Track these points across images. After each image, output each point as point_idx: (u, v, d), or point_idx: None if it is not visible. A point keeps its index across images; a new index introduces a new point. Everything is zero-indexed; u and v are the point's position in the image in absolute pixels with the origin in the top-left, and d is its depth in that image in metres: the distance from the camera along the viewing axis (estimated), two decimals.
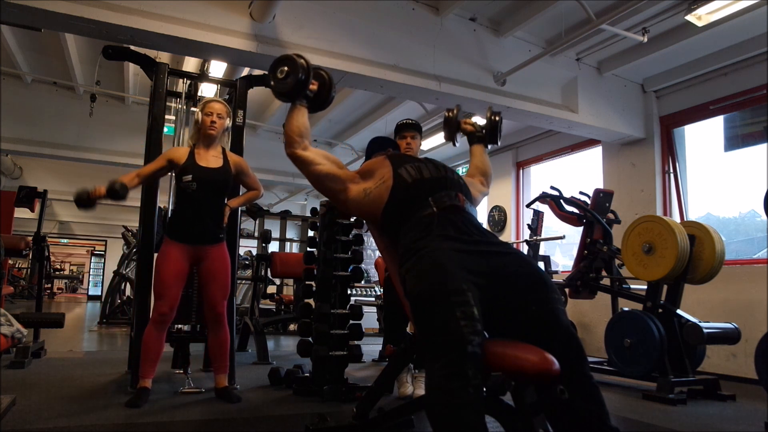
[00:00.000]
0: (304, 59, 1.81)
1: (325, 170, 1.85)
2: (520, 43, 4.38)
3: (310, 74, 1.82)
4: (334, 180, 1.86)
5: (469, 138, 2.22)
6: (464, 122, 2.21)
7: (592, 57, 4.69)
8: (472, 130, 2.20)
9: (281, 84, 1.83)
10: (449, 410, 1.22)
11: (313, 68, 1.85)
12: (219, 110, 2.72)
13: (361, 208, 1.87)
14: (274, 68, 1.84)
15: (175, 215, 2.74)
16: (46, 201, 6.05)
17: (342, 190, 1.86)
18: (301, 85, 1.82)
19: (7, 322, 2.16)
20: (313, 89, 1.89)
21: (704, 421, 2.62)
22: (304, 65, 1.80)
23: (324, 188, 1.90)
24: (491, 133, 2.18)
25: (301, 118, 1.86)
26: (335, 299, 2.96)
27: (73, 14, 2.91)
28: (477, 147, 2.22)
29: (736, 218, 5.08)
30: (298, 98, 1.86)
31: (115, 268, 8.08)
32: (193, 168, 2.64)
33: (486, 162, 2.22)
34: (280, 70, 1.82)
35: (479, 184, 2.15)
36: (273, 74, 1.84)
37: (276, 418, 2.38)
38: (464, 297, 1.33)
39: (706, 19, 3.67)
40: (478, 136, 2.20)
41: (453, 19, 4.08)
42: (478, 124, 2.22)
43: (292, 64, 1.80)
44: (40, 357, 3.84)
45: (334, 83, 1.97)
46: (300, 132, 1.84)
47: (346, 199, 1.87)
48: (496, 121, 2.17)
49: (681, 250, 3.16)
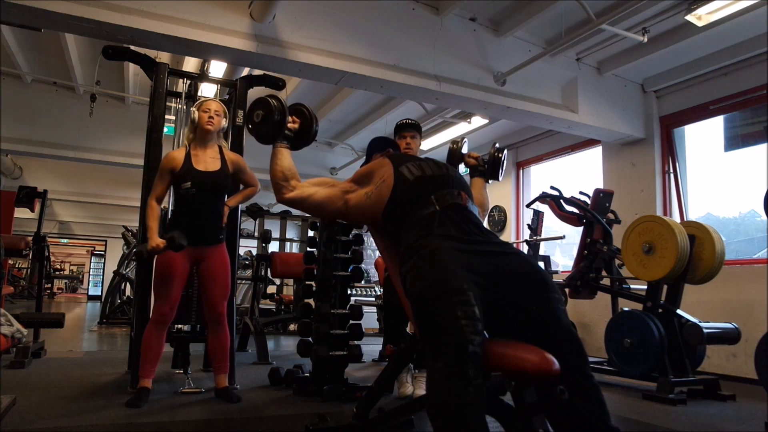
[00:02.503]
0: (278, 99, 1.82)
1: (319, 198, 1.86)
2: (520, 43, 4.38)
3: (285, 114, 1.83)
4: (332, 202, 1.88)
5: (471, 171, 2.27)
6: (468, 156, 2.25)
7: (592, 57, 4.68)
8: (475, 164, 2.24)
9: (259, 127, 1.83)
10: (450, 410, 1.22)
11: (290, 106, 1.85)
12: (216, 108, 2.72)
13: (364, 213, 1.87)
14: (250, 113, 1.85)
15: (174, 218, 2.73)
16: (46, 201, 6.05)
17: (342, 205, 1.88)
18: (278, 126, 1.82)
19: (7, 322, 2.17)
20: (294, 128, 1.89)
21: (704, 421, 2.62)
22: (278, 106, 1.80)
23: (326, 213, 1.93)
24: (493, 168, 2.23)
25: (283, 161, 1.86)
26: (335, 299, 2.96)
27: (73, 14, 2.90)
28: (477, 180, 2.25)
29: (736, 218, 5.08)
30: (278, 139, 1.86)
31: (115, 268, 8.08)
32: (191, 174, 2.63)
33: (485, 196, 2.24)
34: (255, 114, 1.83)
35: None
36: (249, 119, 1.85)
37: (276, 418, 2.38)
38: (465, 296, 1.33)
39: (706, 19, 3.67)
40: (480, 170, 2.25)
41: (453, 19, 4.08)
42: (482, 158, 2.26)
43: (266, 107, 1.81)
44: (40, 357, 3.84)
45: (316, 118, 1.96)
46: (284, 176, 1.85)
47: (347, 210, 1.88)
48: (499, 158, 2.21)
49: (681, 250, 3.16)
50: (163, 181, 2.67)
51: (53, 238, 14.80)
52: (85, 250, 19.78)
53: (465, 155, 2.25)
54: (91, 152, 6.42)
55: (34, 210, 6.02)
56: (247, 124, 1.88)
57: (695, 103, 4.67)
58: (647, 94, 5.00)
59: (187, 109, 3.75)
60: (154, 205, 2.62)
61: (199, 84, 3.73)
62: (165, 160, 2.71)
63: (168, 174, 2.66)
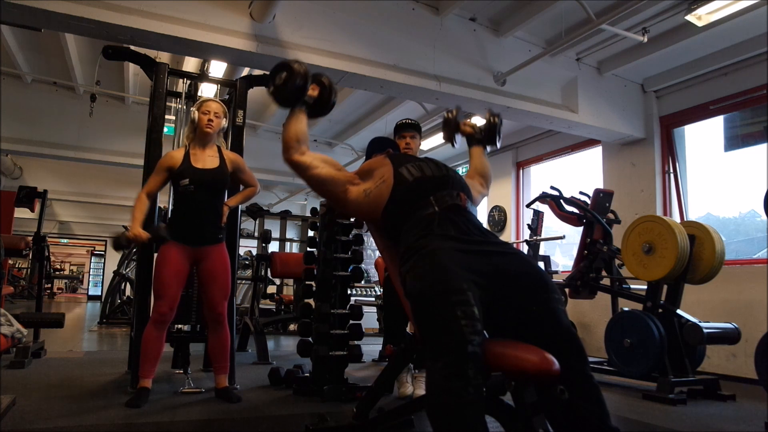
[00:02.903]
0: (302, 65, 1.81)
1: (324, 174, 1.85)
2: (520, 43, 4.38)
3: (308, 80, 1.82)
4: (333, 183, 1.86)
5: (468, 140, 2.21)
6: (463, 124, 2.20)
7: (592, 57, 4.69)
8: (471, 132, 2.18)
9: (279, 90, 1.83)
10: (450, 410, 1.22)
11: (312, 74, 1.84)
12: (216, 109, 2.72)
13: (361, 209, 1.87)
14: (273, 74, 1.84)
15: (174, 217, 2.73)
16: (46, 201, 6.05)
17: (342, 192, 1.86)
18: (299, 91, 1.82)
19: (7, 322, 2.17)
20: (312, 95, 1.89)
21: (704, 421, 2.62)
22: (302, 71, 1.80)
23: (324, 192, 1.90)
24: (490, 135, 2.17)
25: (299, 125, 1.85)
26: (335, 299, 2.96)
27: (73, 14, 2.91)
28: (476, 149, 2.20)
29: (736, 218, 5.08)
30: (297, 104, 1.86)
31: (115, 268, 8.08)
32: (189, 171, 2.63)
33: (485, 164, 2.20)
34: (278, 76, 1.82)
35: (478, 186, 2.14)
36: (272, 80, 1.84)
37: (276, 418, 2.37)
38: (464, 296, 1.33)
39: (706, 19, 3.67)
40: (477, 138, 2.18)
41: (453, 19, 4.08)
42: (478, 126, 2.20)
43: (290, 71, 1.80)
44: (40, 357, 3.84)
45: (335, 89, 1.96)
46: (297, 138, 1.84)
47: (345, 201, 1.87)
48: (495, 123, 2.15)
49: (681, 250, 3.16)
50: (157, 176, 2.68)
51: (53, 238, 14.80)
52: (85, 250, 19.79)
53: (460, 123, 2.19)
54: (91, 152, 6.43)
55: (34, 210, 6.03)
56: (269, 85, 1.86)
57: (695, 103, 4.67)
58: (647, 94, 5.00)
59: (187, 109, 3.75)
60: (143, 197, 2.62)
61: (199, 84, 3.73)
62: (163, 158, 2.73)
63: (164, 171, 2.67)
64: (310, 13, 3.56)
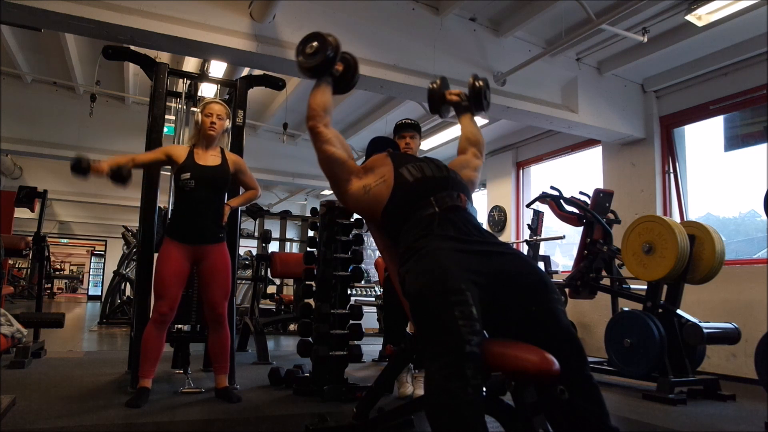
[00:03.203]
0: (334, 38, 1.81)
1: (337, 154, 1.85)
2: (520, 43, 4.38)
3: (338, 52, 1.83)
4: (341, 166, 1.86)
5: (456, 108, 2.17)
6: (449, 93, 2.15)
7: (592, 57, 4.68)
8: (458, 99, 2.13)
9: (309, 59, 1.83)
10: (448, 410, 1.22)
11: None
12: (219, 111, 2.73)
13: (360, 205, 1.87)
14: (303, 43, 1.84)
15: (174, 215, 2.73)
16: (46, 201, 6.05)
17: (345, 179, 1.86)
18: (329, 63, 1.83)
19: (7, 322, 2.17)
20: (338, 70, 1.89)
21: (704, 421, 2.62)
22: (334, 43, 1.80)
23: (329, 171, 1.88)
24: (476, 99, 2.11)
25: (327, 95, 1.86)
26: (335, 299, 2.96)
27: (73, 14, 2.91)
28: (464, 117, 2.15)
29: (736, 218, 5.08)
30: (324, 75, 1.86)
31: (115, 268, 8.08)
32: (191, 166, 2.64)
33: (476, 131, 2.13)
34: (309, 45, 1.82)
35: (473, 158, 2.09)
36: (301, 49, 1.84)
37: (276, 418, 2.37)
38: (463, 296, 1.33)
39: (706, 19, 3.67)
40: (464, 105, 2.13)
41: (453, 19, 4.08)
42: (464, 93, 2.15)
43: (322, 41, 1.80)
44: (40, 357, 3.84)
45: (358, 69, 1.96)
46: (324, 107, 1.85)
47: (345, 191, 1.87)
48: (479, 87, 2.09)
49: (681, 250, 3.16)
50: (153, 153, 2.71)
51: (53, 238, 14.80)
52: (85, 250, 19.78)
53: (446, 93, 2.14)
54: (91, 152, 6.37)
55: (34, 210, 6.02)
56: (298, 54, 1.85)
57: (695, 103, 4.67)
58: (647, 94, 5.00)
59: (187, 109, 3.75)
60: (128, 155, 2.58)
61: (199, 84, 3.74)
62: (169, 146, 2.77)
63: (162, 154, 2.70)
64: (310, 13, 3.56)
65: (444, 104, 2.16)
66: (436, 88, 2.14)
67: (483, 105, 2.12)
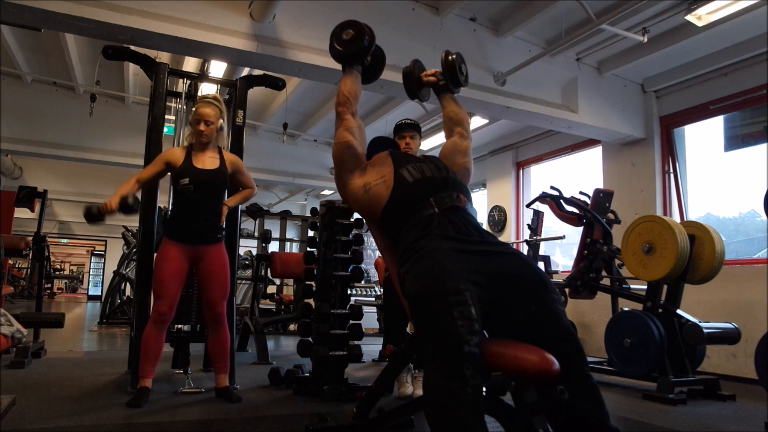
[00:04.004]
0: (370, 27, 1.82)
1: (354, 143, 1.86)
2: (520, 43, 4.38)
3: (373, 42, 1.84)
4: (353, 157, 1.87)
5: (435, 89, 2.13)
6: (424, 75, 2.11)
7: (592, 57, 4.69)
8: (434, 80, 2.09)
9: (345, 46, 1.83)
10: (447, 410, 1.22)
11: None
12: (207, 116, 2.68)
13: (359, 203, 1.88)
14: (340, 29, 1.86)
15: (173, 216, 2.73)
16: (46, 201, 6.05)
17: (351, 170, 1.87)
18: (365, 51, 1.85)
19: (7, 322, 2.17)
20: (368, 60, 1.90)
21: (704, 421, 2.62)
22: (370, 33, 1.82)
23: (341, 157, 1.87)
24: (451, 74, 2.05)
25: (357, 84, 1.88)
26: (335, 299, 2.96)
27: (73, 14, 2.91)
28: (444, 97, 2.11)
29: (736, 218, 5.08)
30: (357, 64, 1.86)
31: (115, 268, 8.08)
32: (189, 171, 2.64)
33: (457, 110, 2.08)
34: (345, 32, 1.84)
35: (460, 139, 2.04)
36: (337, 36, 1.85)
37: (276, 418, 2.38)
38: (462, 296, 1.33)
39: (706, 19, 3.68)
40: (441, 84, 2.08)
41: (453, 19, 4.08)
42: (440, 72, 2.09)
43: (359, 29, 1.82)
44: (40, 357, 3.84)
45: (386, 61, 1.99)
46: (354, 94, 1.86)
47: (347, 184, 1.87)
48: (452, 60, 2.04)
49: (681, 250, 3.16)
50: (153, 166, 2.69)
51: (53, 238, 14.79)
52: (85, 250, 19.78)
53: (422, 76, 2.10)
54: (91, 152, 6.43)
55: (34, 210, 6.02)
56: (334, 41, 1.86)
57: (695, 103, 4.67)
58: (647, 94, 5.00)
59: (187, 109, 3.75)
60: (132, 180, 2.58)
61: (199, 84, 3.73)
62: (165, 152, 2.74)
63: (162, 163, 2.68)
64: (310, 13, 3.56)
65: (422, 87, 2.11)
66: (411, 70, 2.09)
67: (460, 80, 2.06)
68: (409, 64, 2.11)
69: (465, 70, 2.10)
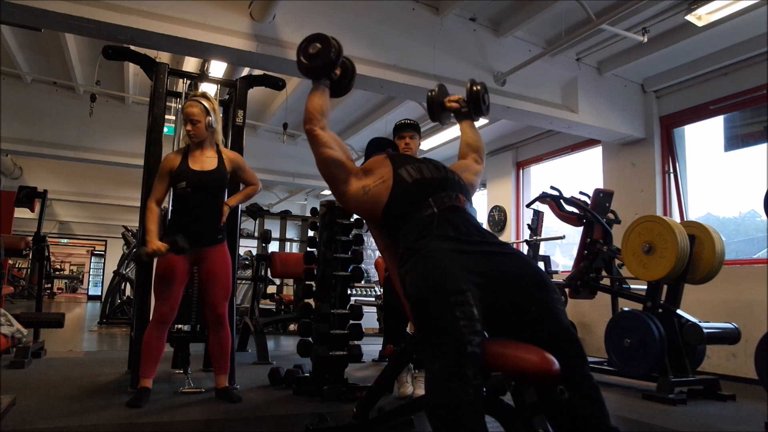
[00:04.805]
0: (337, 40, 1.81)
1: (335, 155, 1.84)
2: (520, 43, 4.38)
3: (340, 56, 1.83)
4: (339, 168, 1.85)
5: (456, 115, 2.18)
6: (448, 100, 2.16)
7: (592, 57, 4.68)
8: (457, 106, 2.14)
9: (312, 60, 1.82)
10: (449, 410, 1.22)
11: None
12: (193, 115, 2.64)
13: (359, 206, 1.87)
14: (306, 43, 1.83)
15: (173, 219, 2.73)
16: (46, 201, 6.05)
17: (344, 180, 1.85)
18: (331, 65, 1.83)
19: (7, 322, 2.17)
20: (336, 74, 1.89)
21: (704, 421, 2.62)
22: (337, 46, 1.80)
23: (328, 173, 1.88)
24: (474, 104, 2.11)
25: (324, 99, 1.86)
26: (335, 299, 2.96)
27: (73, 14, 2.90)
28: (464, 123, 2.16)
29: (736, 218, 5.08)
30: (324, 78, 1.86)
31: (115, 268, 8.08)
32: (186, 173, 2.62)
33: (476, 137, 2.14)
34: (312, 45, 1.82)
35: (473, 163, 2.10)
36: (303, 49, 1.84)
37: (276, 418, 2.38)
38: (464, 297, 1.33)
39: (706, 19, 3.67)
40: (464, 111, 2.14)
41: (453, 19, 4.08)
42: (463, 99, 2.16)
43: (326, 43, 1.80)
44: (40, 357, 3.84)
45: (356, 74, 1.97)
46: (321, 110, 1.84)
47: (344, 192, 1.86)
48: (477, 91, 2.10)
49: (681, 250, 3.16)
50: (162, 183, 2.67)
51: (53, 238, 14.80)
52: (85, 250, 19.78)
53: (445, 101, 2.15)
54: (91, 152, 6.43)
55: (34, 210, 6.02)
56: (300, 54, 1.85)
57: (695, 103, 4.67)
58: (647, 94, 5.00)
59: None
60: (154, 208, 2.61)
61: (199, 84, 3.74)
62: (163, 162, 2.71)
63: (167, 176, 2.66)
64: (310, 13, 3.56)
65: (444, 111, 2.17)
66: (435, 96, 2.16)
67: (482, 109, 2.13)
68: (435, 88, 2.17)
69: (488, 101, 2.16)
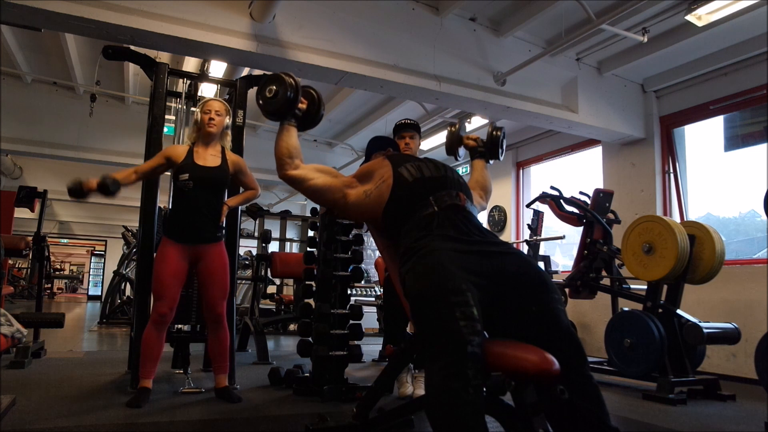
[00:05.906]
0: (293, 78, 1.81)
1: (320, 183, 1.84)
2: (520, 43, 4.38)
3: (299, 93, 1.81)
4: (330, 191, 1.84)
5: (471, 153, 2.25)
6: (466, 138, 2.23)
7: (592, 57, 4.68)
8: (474, 145, 2.23)
9: (270, 103, 1.82)
10: (449, 411, 1.22)
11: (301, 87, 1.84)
12: (217, 108, 2.72)
13: (363, 211, 1.86)
14: (263, 88, 1.83)
15: (172, 214, 2.73)
16: (46, 201, 6.05)
17: (340, 198, 1.85)
18: (290, 104, 1.81)
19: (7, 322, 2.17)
20: (302, 107, 1.88)
21: (704, 421, 2.62)
22: (293, 84, 1.79)
23: (323, 201, 1.90)
24: (492, 148, 2.21)
25: (290, 139, 1.84)
26: (335, 299, 2.96)
27: (73, 14, 2.91)
28: (478, 162, 2.24)
29: (736, 218, 5.08)
30: (287, 117, 1.85)
31: (115, 268, 8.08)
32: (190, 167, 2.64)
33: (486, 177, 2.22)
34: (268, 89, 1.81)
35: (478, 198, 2.14)
36: (261, 94, 1.83)
37: (276, 418, 2.38)
38: (464, 297, 1.33)
39: (706, 19, 3.67)
40: (480, 151, 2.23)
41: (453, 19, 4.08)
42: (480, 139, 2.24)
43: (281, 83, 1.79)
44: (40, 357, 3.84)
45: (323, 102, 1.96)
46: (290, 153, 1.83)
47: (346, 206, 1.86)
48: (497, 137, 2.19)
49: (681, 250, 3.16)
50: (153, 160, 2.69)
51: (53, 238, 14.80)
52: (85, 250, 19.78)
53: (464, 137, 2.23)
54: (91, 152, 6.43)
55: (34, 210, 6.03)
56: (258, 98, 1.85)
57: (695, 103, 4.67)
58: (647, 94, 5.00)
59: (187, 109, 3.75)
60: (130, 170, 2.62)
61: (199, 84, 3.73)
62: (168, 148, 2.75)
63: (162, 158, 2.68)
64: (310, 13, 3.56)
65: (460, 146, 2.25)
66: (455, 132, 2.23)
67: (498, 154, 2.22)
68: (456, 122, 2.22)
69: (504, 145, 2.24)
